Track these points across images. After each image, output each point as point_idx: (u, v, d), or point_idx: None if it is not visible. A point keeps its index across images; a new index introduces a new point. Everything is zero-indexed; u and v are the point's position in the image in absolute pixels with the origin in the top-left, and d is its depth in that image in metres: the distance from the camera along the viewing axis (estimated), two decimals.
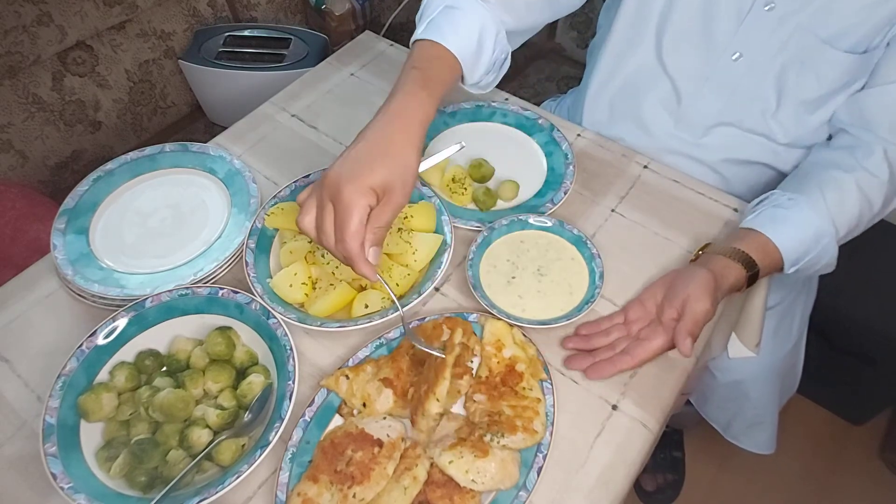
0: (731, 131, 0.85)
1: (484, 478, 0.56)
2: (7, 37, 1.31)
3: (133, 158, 0.81)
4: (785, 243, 0.70)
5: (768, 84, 0.79)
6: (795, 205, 0.71)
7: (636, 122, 0.91)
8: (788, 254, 0.70)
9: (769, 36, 0.75)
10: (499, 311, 0.68)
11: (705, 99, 0.84)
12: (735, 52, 0.78)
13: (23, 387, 0.66)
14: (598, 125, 0.96)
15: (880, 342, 1.24)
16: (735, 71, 0.80)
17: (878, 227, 0.80)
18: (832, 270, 0.77)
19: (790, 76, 0.77)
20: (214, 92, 1.68)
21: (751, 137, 0.84)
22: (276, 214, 0.74)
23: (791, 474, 1.41)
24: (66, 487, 0.54)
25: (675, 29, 0.81)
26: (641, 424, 0.63)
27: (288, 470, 0.58)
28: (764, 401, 1.02)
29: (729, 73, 0.80)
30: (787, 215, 0.71)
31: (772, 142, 0.83)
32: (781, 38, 0.75)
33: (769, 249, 0.70)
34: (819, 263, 0.73)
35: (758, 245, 0.70)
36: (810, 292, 1.02)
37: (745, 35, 0.77)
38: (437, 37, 0.68)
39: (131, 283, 0.70)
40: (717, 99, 0.83)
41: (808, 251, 0.71)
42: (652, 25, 0.83)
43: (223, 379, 0.63)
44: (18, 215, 1.10)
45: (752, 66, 0.79)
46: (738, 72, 0.80)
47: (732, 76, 0.80)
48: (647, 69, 0.87)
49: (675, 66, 0.84)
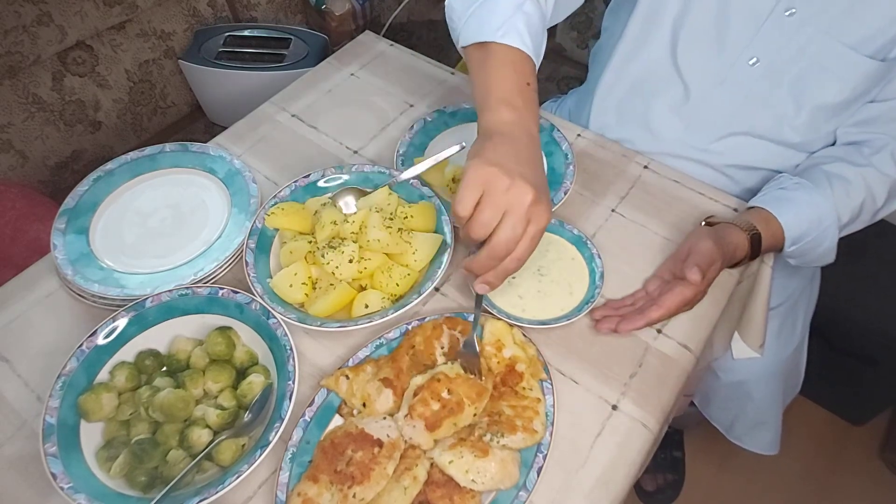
0: (743, 138, 0.84)
1: (484, 478, 0.56)
2: (7, 37, 1.31)
3: (133, 158, 0.81)
4: (788, 220, 0.72)
5: (784, 89, 0.78)
6: (801, 187, 0.74)
7: (645, 126, 0.90)
8: (790, 230, 0.72)
9: (788, 41, 0.75)
10: (499, 311, 0.68)
11: (718, 103, 0.83)
12: (752, 57, 0.77)
13: (23, 387, 0.66)
14: (605, 128, 0.95)
15: (881, 343, 1.24)
16: (751, 76, 0.79)
17: (879, 228, 0.80)
18: (831, 262, 0.79)
19: (809, 81, 0.76)
20: (214, 92, 1.68)
21: (762, 143, 0.83)
22: (276, 214, 0.74)
23: (791, 475, 1.41)
24: (66, 487, 0.54)
25: (690, 32, 0.80)
26: (641, 424, 0.63)
27: (288, 470, 0.58)
28: (767, 401, 1.02)
29: (745, 78, 0.79)
30: (792, 196, 0.74)
31: (784, 147, 0.83)
32: (801, 43, 0.74)
33: (771, 223, 0.73)
34: (819, 248, 0.75)
35: (760, 217, 0.73)
36: (812, 292, 1.02)
37: (763, 40, 0.76)
38: (520, 43, 0.63)
39: (131, 283, 0.70)
40: (731, 103, 0.82)
41: (809, 231, 0.73)
42: (666, 28, 0.82)
43: (223, 379, 0.63)
44: (18, 215, 1.10)
45: (770, 71, 0.78)
46: (755, 76, 0.79)
47: (748, 81, 0.79)
48: (659, 72, 0.86)
49: (689, 69, 0.83)
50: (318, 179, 0.79)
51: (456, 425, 0.59)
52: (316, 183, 0.79)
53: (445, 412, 0.58)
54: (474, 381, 0.61)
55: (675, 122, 0.88)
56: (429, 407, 0.59)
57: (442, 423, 0.58)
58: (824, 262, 0.79)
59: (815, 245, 0.74)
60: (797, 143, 0.82)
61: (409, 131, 0.87)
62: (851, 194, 0.74)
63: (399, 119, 0.93)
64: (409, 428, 0.58)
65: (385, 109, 0.94)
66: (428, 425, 0.58)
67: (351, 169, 0.80)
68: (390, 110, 0.94)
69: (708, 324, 0.71)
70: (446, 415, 0.58)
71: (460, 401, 0.59)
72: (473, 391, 0.60)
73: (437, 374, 0.61)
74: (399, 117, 0.93)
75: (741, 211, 0.78)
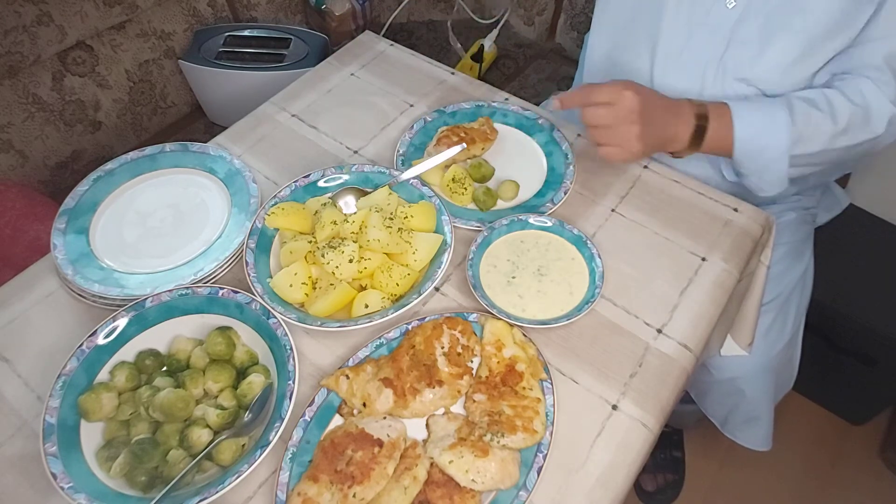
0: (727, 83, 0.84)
1: (484, 478, 0.56)
2: (7, 37, 1.31)
3: (133, 158, 0.81)
4: (740, 111, 0.77)
5: (755, 28, 0.78)
6: (762, 97, 0.80)
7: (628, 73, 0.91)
8: (741, 116, 0.76)
9: None
10: (499, 310, 0.68)
11: (698, 48, 0.83)
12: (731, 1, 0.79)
13: (23, 386, 0.66)
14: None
15: (880, 342, 1.24)
16: (730, 18, 0.79)
17: (878, 228, 0.80)
18: (781, 189, 0.80)
19: (782, 16, 0.76)
20: (214, 92, 1.68)
21: (739, 86, 0.83)
22: (276, 214, 0.74)
23: (791, 474, 1.41)
24: (67, 487, 0.54)
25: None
26: (641, 424, 0.63)
27: (288, 470, 0.58)
28: (759, 397, 1.02)
29: (723, 21, 0.80)
30: (752, 101, 0.79)
31: (759, 91, 0.83)
32: None
33: (722, 109, 0.77)
34: (767, 154, 0.77)
35: (715, 106, 0.78)
36: (805, 289, 1.02)
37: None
38: None
39: (131, 282, 0.70)
40: (711, 47, 0.82)
41: (760, 129, 0.76)
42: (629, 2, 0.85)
43: (223, 379, 0.63)
44: (18, 215, 1.10)
45: (746, 11, 0.78)
46: (733, 18, 0.79)
47: (726, 24, 0.80)
48: (632, 32, 0.88)
49: (659, 34, 0.85)
50: (318, 179, 0.79)
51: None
52: (316, 183, 0.79)
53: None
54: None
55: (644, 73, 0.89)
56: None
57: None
58: (771, 184, 0.81)
59: (763, 149, 0.76)
60: (771, 89, 0.82)
61: (409, 131, 0.87)
62: (812, 109, 0.75)
63: (399, 119, 0.93)
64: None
65: (385, 109, 0.94)
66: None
67: (351, 169, 0.80)
68: (390, 110, 0.94)
69: (708, 323, 0.71)
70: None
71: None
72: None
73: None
74: (399, 117, 0.93)
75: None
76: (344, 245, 0.70)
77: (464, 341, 0.66)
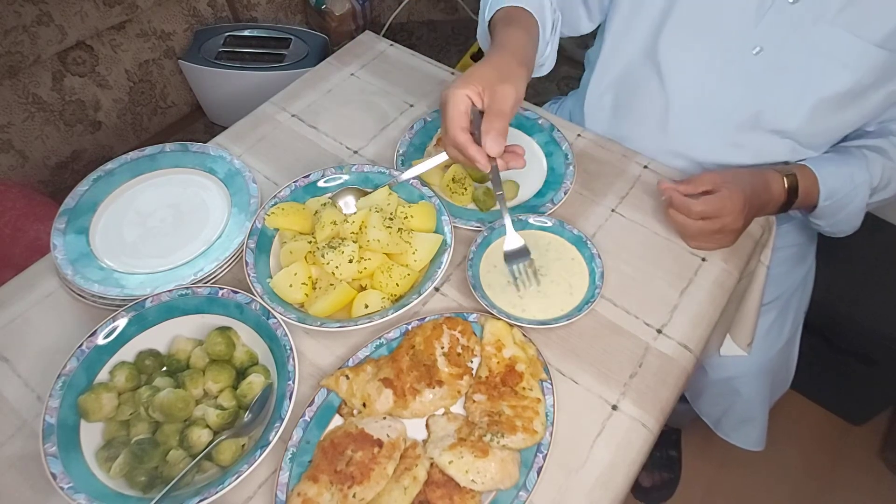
0: (749, 133, 0.83)
1: (484, 478, 0.56)
2: (7, 37, 1.31)
3: (133, 158, 0.81)
4: (823, 172, 0.78)
5: (787, 78, 0.76)
6: (836, 152, 0.82)
7: (637, 122, 0.90)
8: (825, 181, 0.77)
9: (793, 29, 0.73)
10: (499, 311, 0.68)
11: (720, 95, 0.81)
12: (756, 47, 0.76)
13: (23, 387, 0.66)
14: (599, 129, 0.95)
15: (880, 343, 1.24)
16: (755, 65, 0.77)
17: (878, 228, 0.80)
18: (857, 228, 0.83)
19: (814, 70, 0.74)
20: (214, 92, 1.68)
21: (769, 137, 0.82)
22: (276, 214, 0.74)
23: (791, 474, 1.41)
24: (66, 487, 0.54)
25: (677, 23, 0.79)
26: (641, 424, 0.63)
27: (288, 470, 0.58)
28: (755, 397, 1.02)
29: (747, 67, 0.78)
30: (828, 156, 0.81)
31: (787, 139, 0.81)
32: (807, 30, 0.72)
33: (807, 174, 0.78)
34: (850, 206, 0.79)
35: (797, 168, 0.79)
36: (806, 291, 1.02)
37: (766, 28, 0.74)
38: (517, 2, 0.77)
39: (131, 282, 0.70)
40: (733, 94, 0.80)
41: (842, 187, 0.78)
42: (649, 20, 0.81)
43: (223, 379, 0.63)
44: (18, 215, 1.10)
45: (774, 60, 0.76)
46: (759, 66, 0.77)
47: (751, 70, 0.78)
48: (641, 66, 0.85)
49: (670, 64, 0.82)
50: (318, 179, 0.79)
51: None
52: (316, 183, 0.79)
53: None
54: None
55: (655, 124, 0.88)
56: None
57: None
58: (851, 225, 0.83)
59: (846, 202, 0.78)
60: (802, 137, 0.80)
61: (409, 131, 0.87)
62: (884, 159, 0.78)
63: (399, 119, 0.93)
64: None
65: (385, 109, 0.94)
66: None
67: (351, 169, 0.80)
68: (390, 110, 0.94)
69: (708, 324, 0.71)
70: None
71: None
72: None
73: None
74: (399, 117, 0.93)
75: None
76: (344, 245, 0.70)
77: (464, 341, 0.66)
